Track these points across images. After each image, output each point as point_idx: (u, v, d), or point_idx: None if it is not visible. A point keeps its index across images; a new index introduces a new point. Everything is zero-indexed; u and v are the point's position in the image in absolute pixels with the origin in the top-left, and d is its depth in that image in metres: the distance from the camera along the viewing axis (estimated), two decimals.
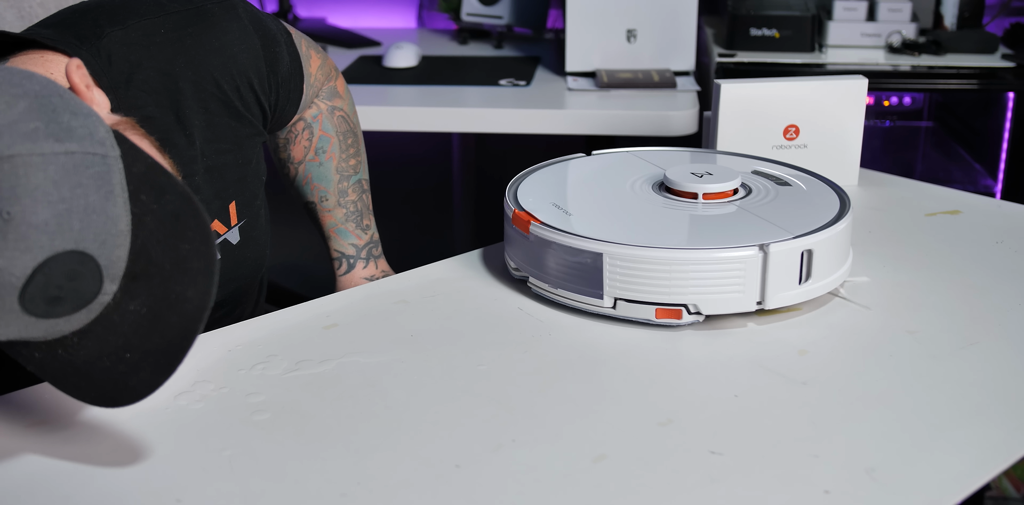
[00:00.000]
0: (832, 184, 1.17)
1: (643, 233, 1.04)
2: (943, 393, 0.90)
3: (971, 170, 2.31)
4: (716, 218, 1.08)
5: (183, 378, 0.92)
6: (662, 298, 1.01)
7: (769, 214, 1.08)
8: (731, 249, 1.00)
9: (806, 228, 1.04)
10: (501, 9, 2.42)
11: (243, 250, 1.16)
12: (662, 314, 1.01)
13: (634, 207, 1.11)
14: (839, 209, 1.09)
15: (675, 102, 1.98)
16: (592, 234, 1.03)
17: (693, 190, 1.11)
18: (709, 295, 1.00)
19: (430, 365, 0.95)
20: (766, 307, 1.02)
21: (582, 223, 1.06)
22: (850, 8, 2.13)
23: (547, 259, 1.05)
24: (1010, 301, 1.07)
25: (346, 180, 1.31)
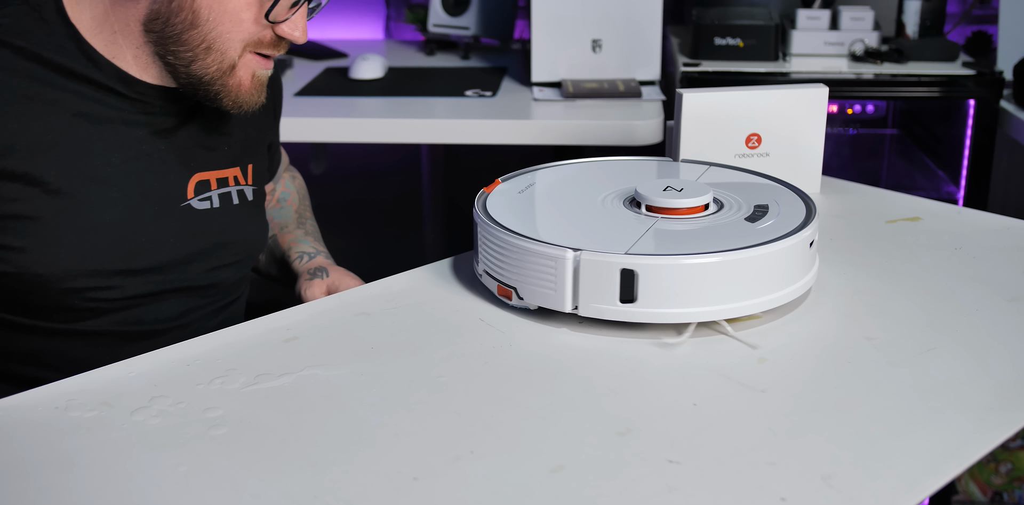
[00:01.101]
0: (797, 190, 1.18)
1: (558, 226, 1.09)
2: (900, 399, 0.91)
3: (934, 177, 2.33)
4: (669, 230, 1.09)
5: (140, 393, 0.91)
6: (500, 277, 1.07)
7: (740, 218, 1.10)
8: (543, 244, 1.03)
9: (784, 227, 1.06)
10: (468, 20, 2.43)
11: (257, 209, 1.29)
12: (501, 291, 1.08)
13: (588, 211, 1.13)
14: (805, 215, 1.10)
15: (640, 112, 1.99)
16: (512, 224, 1.08)
17: (663, 206, 1.12)
18: (530, 287, 1.05)
19: (390, 377, 0.95)
20: (580, 313, 1.03)
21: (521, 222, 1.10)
22: (813, 17, 2.15)
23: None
24: (967, 307, 1.08)
25: (304, 219, 1.49)
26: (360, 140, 2.00)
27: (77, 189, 1.10)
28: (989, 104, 2.03)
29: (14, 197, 1.07)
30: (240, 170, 1.26)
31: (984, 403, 0.90)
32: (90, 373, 0.95)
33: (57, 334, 1.14)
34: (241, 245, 1.27)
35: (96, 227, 1.12)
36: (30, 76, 1.09)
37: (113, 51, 1.13)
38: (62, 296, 1.11)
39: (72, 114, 1.11)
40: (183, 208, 1.19)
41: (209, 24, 1.11)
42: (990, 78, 2.03)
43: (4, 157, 1.06)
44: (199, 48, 1.12)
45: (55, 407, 0.89)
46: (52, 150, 1.09)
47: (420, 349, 1.00)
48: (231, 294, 1.29)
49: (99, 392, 0.92)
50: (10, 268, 1.08)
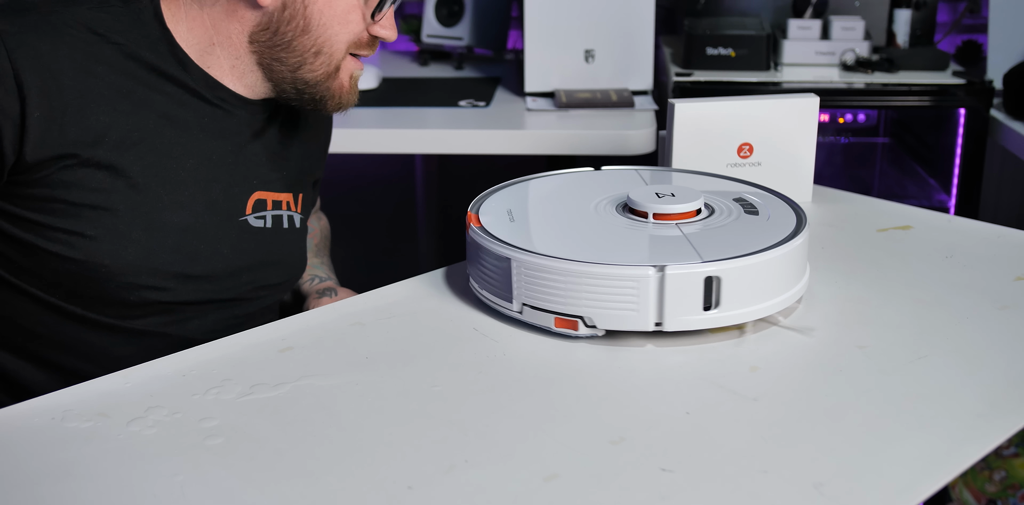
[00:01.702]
0: (787, 199, 1.19)
1: (570, 244, 1.07)
2: (891, 406, 0.91)
3: (926, 185, 2.34)
4: (662, 238, 1.09)
5: (136, 404, 0.92)
6: (560, 308, 1.03)
7: (725, 234, 1.10)
8: (629, 267, 1.01)
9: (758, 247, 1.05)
10: (461, 31, 2.44)
11: (301, 237, 1.32)
12: (561, 323, 1.03)
13: (582, 221, 1.13)
14: (796, 225, 1.11)
15: (633, 121, 2.00)
16: (517, 242, 1.06)
17: (648, 210, 1.13)
18: (605, 310, 1.02)
19: (384, 387, 0.95)
20: (665, 328, 1.02)
21: (519, 233, 1.09)
22: (804, 27, 2.17)
23: (478, 261, 1.10)
24: (958, 315, 1.08)
25: (321, 253, 1.51)
26: (355, 150, 2.00)
27: (153, 188, 1.14)
28: (979, 113, 2.04)
29: (96, 187, 1.10)
30: (293, 196, 1.29)
31: (975, 410, 0.90)
32: (86, 384, 0.96)
33: (104, 328, 1.16)
34: (284, 268, 1.29)
35: (164, 227, 1.14)
36: (127, 73, 1.12)
37: (209, 61, 1.17)
38: (119, 290, 1.13)
39: (158, 115, 1.14)
40: (240, 222, 1.22)
41: (320, 28, 1.16)
42: (980, 87, 2.04)
43: (95, 147, 1.09)
44: (308, 52, 1.17)
45: (51, 418, 0.90)
46: (137, 147, 1.12)
47: (414, 359, 1.01)
48: (264, 317, 1.31)
49: (95, 403, 0.92)
50: (78, 254, 1.11)
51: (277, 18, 1.15)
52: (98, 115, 1.09)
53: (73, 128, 1.08)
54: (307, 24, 1.16)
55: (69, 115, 1.07)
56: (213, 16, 1.16)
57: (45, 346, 1.18)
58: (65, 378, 1.16)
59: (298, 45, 1.17)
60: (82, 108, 1.08)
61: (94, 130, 1.09)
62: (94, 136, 1.09)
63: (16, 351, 1.19)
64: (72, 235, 1.10)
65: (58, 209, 1.10)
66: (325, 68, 1.19)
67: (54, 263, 1.11)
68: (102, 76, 1.10)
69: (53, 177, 1.08)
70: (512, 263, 1.04)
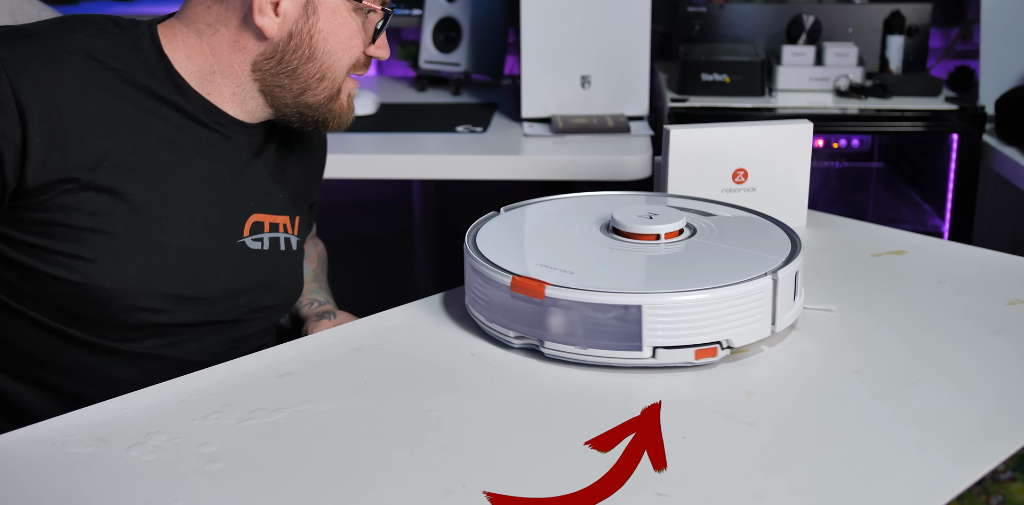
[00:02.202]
0: (782, 224, 1.20)
1: (646, 278, 1.08)
2: (885, 431, 0.92)
3: (920, 210, 2.35)
4: (683, 256, 1.12)
5: (136, 429, 0.93)
6: (699, 339, 1.03)
7: (733, 248, 1.13)
8: (744, 283, 1.03)
9: (777, 257, 1.10)
10: (459, 56, 2.46)
11: (298, 260, 1.33)
12: (701, 354, 1.03)
13: (595, 250, 1.14)
14: (791, 245, 1.14)
15: (629, 147, 2.01)
16: (614, 287, 1.03)
17: (652, 232, 1.15)
18: (739, 328, 1.04)
19: (383, 412, 0.96)
20: (777, 329, 1.07)
21: (585, 276, 1.06)
22: (798, 53, 2.18)
23: (570, 320, 1.04)
24: (951, 340, 1.09)
25: (319, 278, 1.52)
26: (353, 176, 2.02)
27: (152, 211, 1.15)
28: (972, 138, 2.06)
29: (96, 210, 1.11)
30: (290, 219, 1.31)
31: (968, 435, 0.91)
32: (87, 409, 0.97)
33: (103, 351, 1.17)
34: (281, 290, 1.30)
35: (163, 250, 1.16)
36: (126, 98, 1.14)
37: (208, 88, 1.19)
38: (119, 312, 1.14)
39: (157, 139, 1.15)
40: (238, 245, 1.23)
41: (325, 55, 1.19)
42: (972, 113, 2.06)
43: (94, 171, 1.11)
44: (313, 79, 1.20)
45: (52, 443, 0.91)
46: (136, 171, 1.14)
47: (412, 384, 1.02)
48: (262, 339, 1.31)
49: (95, 428, 0.93)
50: (79, 278, 1.12)
51: (283, 48, 1.17)
52: (98, 140, 1.11)
53: (73, 153, 1.09)
54: (312, 52, 1.18)
55: (69, 140, 1.09)
56: (214, 46, 1.18)
57: (45, 370, 1.18)
58: (65, 402, 1.16)
59: (303, 72, 1.19)
60: (82, 133, 1.09)
61: (94, 154, 1.10)
62: (94, 160, 1.10)
63: (16, 375, 1.20)
64: (72, 258, 1.11)
65: (58, 233, 1.11)
66: (328, 91, 1.22)
67: (54, 286, 1.12)
68: (101, 101, 1.11)
69: (54, 201, 1.09)
70: (644, 309, 1.01)
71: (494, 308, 1.09)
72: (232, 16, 1.16)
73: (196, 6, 1.18)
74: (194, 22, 1.18)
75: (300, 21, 1.17)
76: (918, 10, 2.22)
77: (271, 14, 1.15)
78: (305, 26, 1.17)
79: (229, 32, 1.17)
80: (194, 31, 1.18)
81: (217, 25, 1.17)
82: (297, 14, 1.16)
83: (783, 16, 2.26)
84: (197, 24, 1.18)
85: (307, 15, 1.17)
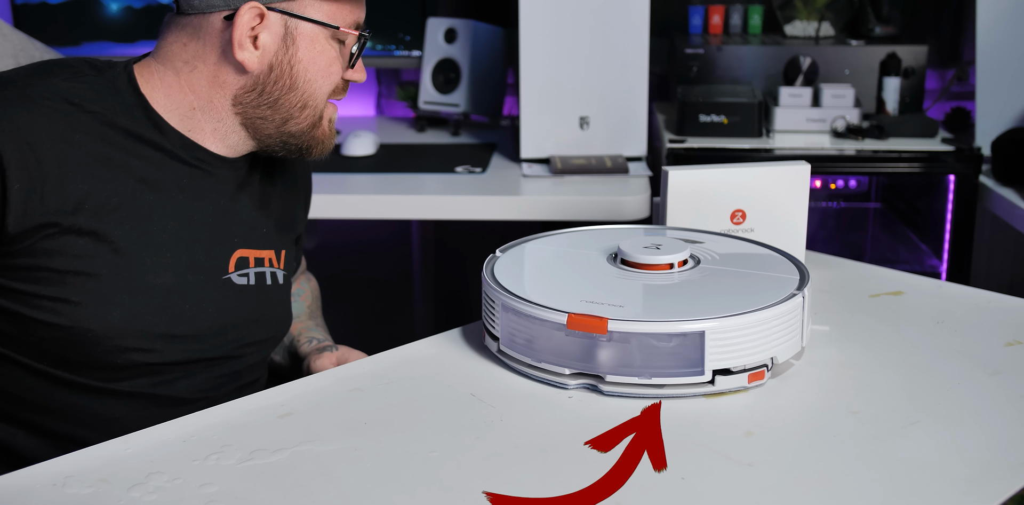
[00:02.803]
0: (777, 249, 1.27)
1: (693, 305, 1.10)
2: (884, 472, 0.92)
3: (917, 250, 2.36)
4: (704, 282, 1.16)
5: (137, 470, 0.93)
6: (751, 359, 1.07)
7: (746, 271, 1.19)
8: (784, 302, 1.09)
9: (791, 277, 1.17)
10: (457, 97, 2.48)
11: (285, 294, 1.34)
12: (752, 378, 1.08)
13: (616, 282, 1.17)
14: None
15: (628, 187, 2.03)
16: (677, 315, 1.06)
17: (665, 261, 1.20)
18: (783, 346, 1.08)
19: (383, 453, 0.96)
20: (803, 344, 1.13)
21: (635, 308, 1.09)
22: (795, 95, 2.20)
23: (630, 352, 1.06)
24: (950, 380, 1.10)
25: (315, 315, 1.53)
26: (352, 216, 2.02)
27: (135, 252, 1.15)
28: (969, 179, 2.07)
29: (79, 253, 1.12)
30: (275, 253, 1.32)
31: (967, 476, 0.91)
32: (87, 450, 0.97)
33: (94, 392, 1.17)
34: (270, 324, 1.31)
35: (148, 289, 1.16)
36: (104, 140, 1.14)
37: (189, 125, 1.20)
38: (107, 354, 1.15)
39: (137, 179, 1.16)
40: (224, 281, 1.24)
41: (306, 84, 1.21)
42: (969, 154, 2.07)
43: (75, 214, 1.11)
44: (295, 108, 1.22)
45: (52, 484, 0.91)
46: (117, 211, 1.14)
47: (413, 424, 1.02)
48: (253, 374, 1.32)
49: (96, 469, 0.93)
50: (64, 321, 1.12)
51: (263, 80, 1.19)
52: (77, 183, 1.11)
53: (53, 197, 1.09)
54: (293, 82, 1.20)
55: (49, 185, 1.09)
56: (192, 83, 1.19)
57: (35, 412, 1.18)
58: (57, 443, 1.17)
59: (284, 102, 1.21)
60: (61, 177, 1.10)
61: (74, 198, 1.11)
62: (74, 204, 1.11)
63: (7, 419, 1.19)
64: (57, 302, 1.12)
65: (42, 277, 1.11)
66: (311, 119, 1.24)
67: (41, 331, 1.13)
68: (79, 144, 1.12)
69: (36, 246, 1.10)
70: (707, 334, 1.05)
71: (543, 348, 1.09)
72: (210, 52, 1.18)
73: (172, 44, 1.19)
74: (171, 60, 1.19)
75: (280, 52, 1.18)
76: (914, 52, 2.24)
77: (250, 48, 1.17)
78: (285, 57, 1.19)
79: (207, 68, 1.19)
80: (171, 69, 1.19)
81: (195, 62, 1.19)
82: (276, 46, 1.18)
83: (780, 58, 2.28)
84: (174, 62, 1.19)
85: (286, 46, 1.19)
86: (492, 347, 1.15)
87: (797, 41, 2.37)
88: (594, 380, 1.08)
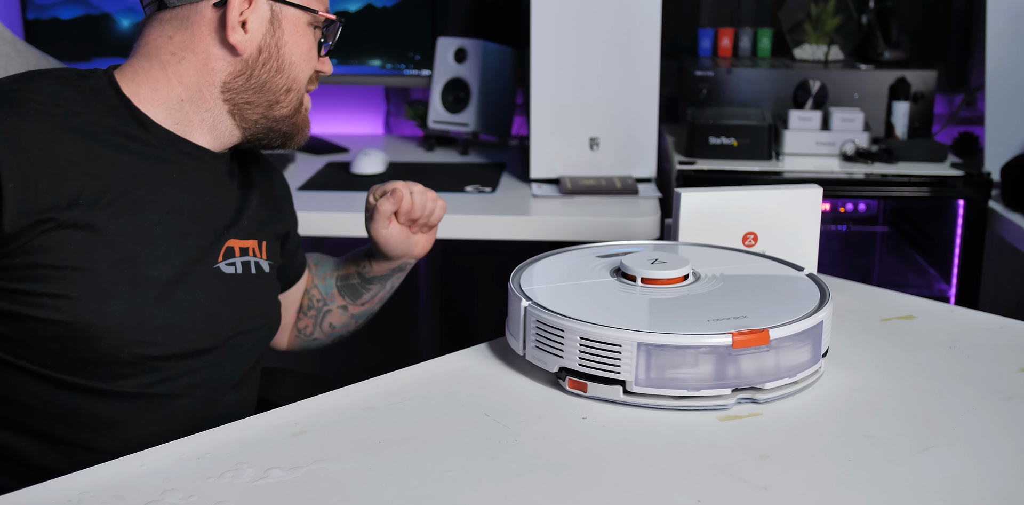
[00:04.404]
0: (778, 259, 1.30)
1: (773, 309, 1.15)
2: (900, 497, 0.92)
3: (926, 274, 2.36)
4: (731, 292, 1.20)
5: (152, 487, 0.93)
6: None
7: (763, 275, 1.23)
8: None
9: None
10: (467, 116, 2.48)
11: (272, 284, 1.38)
12: None
13: (662, 299, 1.19)
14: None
15: (637, 208, 2.03)
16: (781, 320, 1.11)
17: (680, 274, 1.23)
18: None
19: (398, 472, 0.96)
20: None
21: (758, 317, 1.13)
22: (805, 118, 2.21)
23: (780, 359, 1.11)
24: (964, 405, 1.10)
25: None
26: (361, 235, 2.02)
27: (130, 245, 1.18)
28: (978, 204, 2.08)
29: (76, 248, 1.14)
30: (257, 243, 1.35)
31: (982, 502, 0.91)
32: (101, 466, 0.97)
33: (97, 393, 1.18)
34: (260, 311, 1.34)
35: (146, 282, 1.18)
36: (93, 138, 1.18)
37: (176, 117, 1.24)
38: (110, 349, 1.16)
39: (127, 175, 1.19)
40: (214, 270, 1.27)
41: (290, 67, 1.28)
42: (979, 179, 2.08)
43: (70, 209, 1.13)
44: (281, 90, 1.28)
45: (67, 500, 0.90)
46: (111, 206, 1.17)
47: (427, 444, 1.02)
48: (248, 362, 1.33)
49: (111, 486, 0.93)
50: (66, 317, 1.14)
51: (252, 63, 1.25)
52: (70, 180, 1.14)
53: (47, 195, 1.12)
54: (280, 64, 1.26)
55: (43, 183, 1.12)
56: (180, 73, 1.23)
57: (39, 418, 1.19)
58: (62, 449, 1.18)
59: (272, 85, 1.27)
60: (54, 175, 1.13)
61: (68, 194, 1.13)
62: (68, 199, 1.13)
63: (10, 427, 1.20)
64: (57, 298, 1.13)
65: (41, 275, 1.13)
66: (294, 103, 1.30)
67: (43, 329, 1.14)
68: (69, 143, 1.15)
69: (33, 243, 1.12)
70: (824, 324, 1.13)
71: (695, 376, 1.08)
72: (199, 41, 1.23)
73: (155, 40, 1.23)
74: (156, 55, 1.23)
75: (267, 35, 1.24)
76: (923, 77, 2.25)
77: (241, 32, 1.22)
78: (272, 39, 1.25)
79: (196, 57, 1.23)
80: (157, 64, 1.23)
81: (183, 53, 1.23)
82: (264, 29, 1.24)
83: (789, 81, 2.29)
84: (159, 56, 1.23)
85: (273, 29, 1.25)
86: (607, 394, 1.10)
87: (806, 65, 2.38)
88: (750, 393, 1.10)
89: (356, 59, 2.56)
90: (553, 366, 1.13)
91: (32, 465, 1.18)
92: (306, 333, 1.56)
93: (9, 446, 1.20)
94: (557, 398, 1.12)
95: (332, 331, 1.56)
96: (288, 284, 1.50)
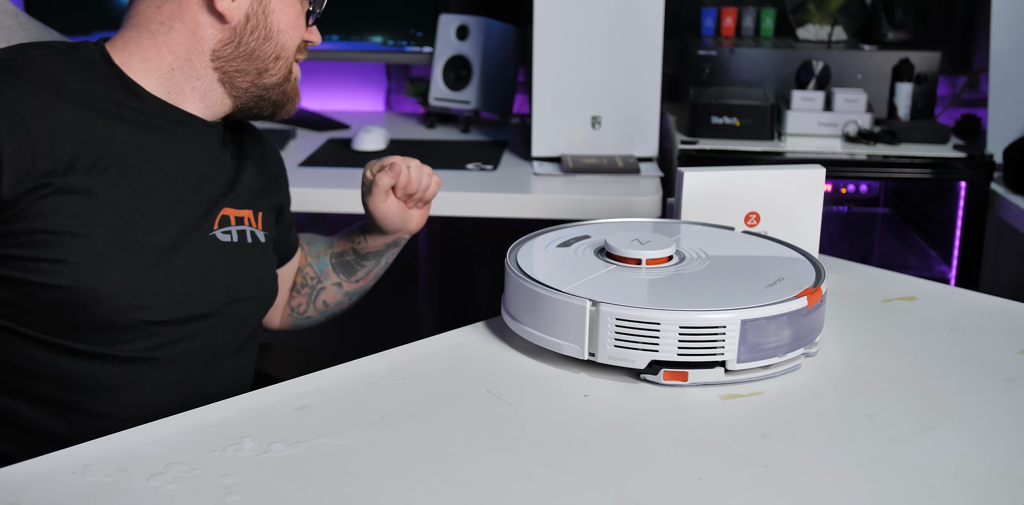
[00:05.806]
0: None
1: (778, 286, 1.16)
2: (901, 477, 0.92)
3: (926, 256, 2.36)
4: (727, 269, 1.22)
5: (156, 459, 0.93)
6: None
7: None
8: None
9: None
10: (468, 94, 2.48)
11: (267, 253, 1.38)
12: None
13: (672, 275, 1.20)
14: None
15: (639, 188, 2.03)
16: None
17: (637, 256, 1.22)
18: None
19: (400, 448, 0.96)
20: None
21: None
22: (808, 98, 2.20)
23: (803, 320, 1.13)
24: (964, 386, 1.10)
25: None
26: (361, 211, 2.02)
27: (127, 211, 1.19)
28: (980, 186, 2.08)
29: (74, 214, 1.15)
30: (252, 213, 1.36)
31: (984, 482, 0.92)
32: (106, 438, 0.97)
33: (96, 357, 1.20)
34: (255, 279, 1.35)
35: (142, 247, 1.19)
36: (87, 106, 1.19)
37: (168, 86, 1.25)
38: (109, 313, 1.17)
39: (121, 143, 1.20)
40: (210, 238, 1.28)
41: (278, 34, 1.28)
42: (981, 161, 2.07)
43: (67, 174, 1.15)
44: (270, 58, 1.29)
45: (72, 472, 0.91)
46: (106, 172, 1.18)
47: (429, 420, 1.02)
48: (245, 330, 1.34)
49: (115, 457, 0.93)
50: (65, 281, 1.15)
51: (241, 30, 1.25)
52: (66, 147, 1.15)
53: (44, 161, 1.13)
54: (268, 31, 1.27)
55: (39, 149, 1.13)
56: (170, 42, 1.24)
57: (39, 383, 1.20)
58: (63, 413, 1.20)
59: (260, 52, 1.28)
60: (50, 141, 1.14)
61: (64, 159, 1.15)
62: (65, 165, 1.15)
63: (11, 392, 1.21)
64: (56, 263, 1.14)
65: (39, 240, 1.14)
66: (283, 71, 1.31)
67: (42, 294, 1.15)
68: (64, 110, 1.16)
69: (31, 209, 1.13)
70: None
71: (781, 340, 1.11)
72: (186, 9, 1.24)
73: (145, 10, 1.25)
74: (145, 25, 1.24)
75: (255, 3, 1.26)
76: (927, 58, 2.24)
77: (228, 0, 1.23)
78: (259, 7, 1.26)
79: (185, 26, 1.24)
80: (147, 33, 1.24)
81: (171, 22, 1.24)
82: None
83: (792, 61, 2.28)
84: (149, 25, 1.24)
85: None
86: (708, 378, 1.09)
87: (809, 45, 2.37)
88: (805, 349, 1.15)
89: (357, 35, 2.55)
90: (642, 362, 1.09)
91: (34, 430, 1.20)
92: (299, 311, 1.56)
93: (10, 411, 1.21)
94: (558, 376, 1.12)
95: (326, 309, 1.56)
96: (282, 261, 1.50)
